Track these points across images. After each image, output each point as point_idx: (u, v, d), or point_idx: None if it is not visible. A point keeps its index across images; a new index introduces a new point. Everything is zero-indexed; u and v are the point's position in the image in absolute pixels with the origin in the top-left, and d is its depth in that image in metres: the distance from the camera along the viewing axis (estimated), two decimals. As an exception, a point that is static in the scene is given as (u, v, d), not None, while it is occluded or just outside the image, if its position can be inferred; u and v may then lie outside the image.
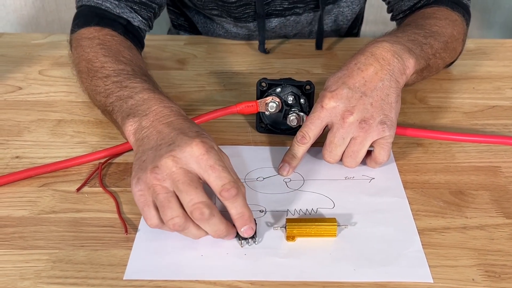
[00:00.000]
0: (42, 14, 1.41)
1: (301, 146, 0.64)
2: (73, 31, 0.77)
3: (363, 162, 0.65)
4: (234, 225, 0.54)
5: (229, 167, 0.54)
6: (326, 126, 0.63)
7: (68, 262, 0.53)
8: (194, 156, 0.52)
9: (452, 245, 0.55)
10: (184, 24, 1.09)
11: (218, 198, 0.53)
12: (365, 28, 1.42)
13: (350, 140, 0.62)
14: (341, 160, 0.64)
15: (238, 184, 0.53)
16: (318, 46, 0.95)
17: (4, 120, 0.74)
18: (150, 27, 0.83)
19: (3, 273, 0.52)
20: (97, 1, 0.77)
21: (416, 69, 0.67)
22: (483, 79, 0.85)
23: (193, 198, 0.51)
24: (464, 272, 0.52)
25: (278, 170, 0.65)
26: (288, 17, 0.95)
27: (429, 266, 0.53)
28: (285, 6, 0.92)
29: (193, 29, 1.07)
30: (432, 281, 0.51)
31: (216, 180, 0.52)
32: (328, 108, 0.62)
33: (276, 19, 0.95)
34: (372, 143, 0.62)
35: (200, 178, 0.53)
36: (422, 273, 0.52)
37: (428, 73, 0.75)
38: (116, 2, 0.78)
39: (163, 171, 0.52)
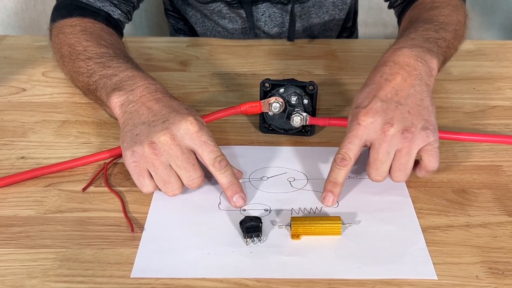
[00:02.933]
0: (43, 17, 1.42)
1: (342, 169, 0.59)
2: (54, 20, 0.79)
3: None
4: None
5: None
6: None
7: (75, 260, 0.54)
8: (189, 133, 0.58)
9: (456, 243, 0.56)
10: (184, 28, 1.10)
11: (209, 169, 0.59)
12: (365, 30, 1.44)
13: (395, 153, 0.59)
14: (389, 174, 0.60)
15: (226, 158, 0.59)
16: (290, 38, 0.96)
17: (8, 121, 0.75)
18: (129, 19, 0.85)
19: (11, 271, 0.52)
20: None
21: (439, 67, 0.66)
22: (484, 80, 0.86)
23: (191, 174, 0.58)
24: (467, 269, 0.53)
25: (322, 200, 0.60)
26: (275, 4, 0.95)
27: (433, 263, 0.53)
28: None
29: (192, 33, 1.08)
30: (437, 278, 0.52)
31: (209, 154, 0.58)
32: (366, 125, 0.58)
33: (263, 4, 0.95)
34: (418, 151, 0.59)
35: (193, 153, 0.58)
36: (426, 270, 0.53)
37: (443, 66, 0.74)
38: None
39: (161, 147, 0.57)
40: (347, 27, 1.11)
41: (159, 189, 0.60)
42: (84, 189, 0.63)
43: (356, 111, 0.60)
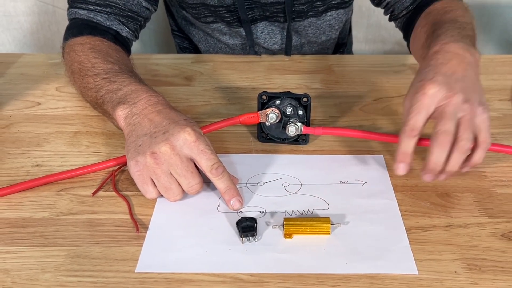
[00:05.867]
0: (57, 37, 1.48)
1: (411, 140, 0.63)
2: (66, 38, 0.85)
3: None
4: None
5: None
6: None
7: (85, 257, 0.58)
8: (187, 142, 0.63)
9: (437, 242, 0.60)
10: (189, 46, 1.16)
11: (207, 176, 0.64)
12: (364, 47, 1.49)
13: (459, 121, 0.62)
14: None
15: (223, 165, 0.64)
16: (287, 53, 1.03)
17: (24, 133, 0.80)
18: (137, 37, 0.92)
19: (26, 267, 0.57)
20: (89, 15, 0.85)
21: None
22: (472, 92, 0.90)
23: (190, 181, 0.64)
24: (447, 265, 0.57)
25: (395, 171, 0.64)
26: (273, 22, 1.01)
27: (415, 260, 0.58)
28: (267, 15, 0.99)
29: (196, 51, 1.15)
30: (417, 273, 0.56)
31: (207, 161, 0.63)
32: (432, 94, 0.63)
33: (262, 22, 1.01)
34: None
35: (192, 160, 0.63)
36: (408, 266, 0.57)
37: None
38: (106, 16, 0.86)
39: (161, 156, 0.63)
40: (343, 43, 1.16)
41: (162, 195, 0.65)
42: (93, 194, 0.68)
43: (421, 84, 0.64)
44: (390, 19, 0.97)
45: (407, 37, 0.91)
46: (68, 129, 0.81)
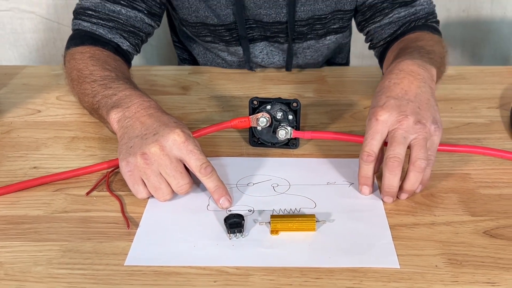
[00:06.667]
0: (61, 52, 1.53)
1: (369, 165, 0.66)
2: (68, 47, 0.89)
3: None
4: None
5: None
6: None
7: (76, 251, 0.60)
8: (176, 143, 0.65)
9: (420, 238, 0.62)
10: (189, 58, 1.19)
11: (196, 175, 0.66)
12: (361, 62, 1.52)
13: (412, 143, 0.65)
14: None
15: (211, 164, 0.65)
16: (288, 69, 1.05)
17: (24, 137, 0.83)
18: (138, 51, 0.95)
19: (19, 260, 0.59)
20: (92, 27, 0.89)
21: (436, 78, 0.74)
22: (462, 100, 0.93)
23: (179, 181, 0.66)
24: (428, 260, 0.58)
25: (361, 193, 0.68)
26: (273, 43, 1.04)
27: (397, 255, 0.59)
28: (267, 34, 1.02)
29: (195, 63, 1.17)
30: (399, 267, 0.57)
31: (195, 161, 0.65)
32: (383, 119, 0.66)
33: (262, 43, 1.03)
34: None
35: (181, 161, 0.64)
36: (390, 260, 0.58)
37: (437, 81, 0.79)
38: (108, 29, 0.89)
39: (151, 157, 0.65)
40: (342, 63, 1.19)
41: (152, 195, 0.67)
42: (87, 194, 0.70)
43: (374, 110, 0.67)
44: (369, 48, 1.00)
45: (381, 63, 0.95)
46: (66, 134, 0.84)
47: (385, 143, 0.67)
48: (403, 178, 0.66)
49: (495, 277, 0.56)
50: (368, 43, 0.99)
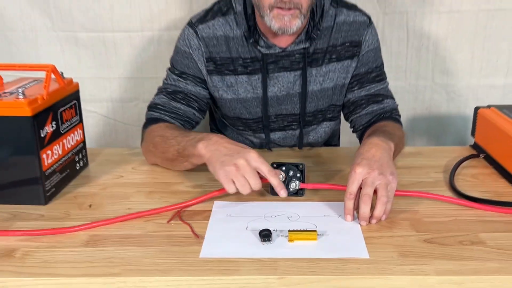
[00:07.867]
0: (115, 143, 1.94)
1: (351, 201, 1.03)
2: (145, 127, 1.32)
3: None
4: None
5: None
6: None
7: (168, 252, 0.96)
8: (253, 158, 1.05)
9: (382, 243, 0.98)
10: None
11: (266, 177, 1.07)
12: (349, 139, 1.91)
13: (377, 187, 1.02)
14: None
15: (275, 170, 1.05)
16: (300, 147, 1.47)
17: (116, 192, 1.21)
18: (194, 127, 1.39)
19: (134, 255, 0.95)
20: (160, 116, 1.33)
21: (394, 149, 1.14)
22: (417, 168, 1.31)
23: (256, 181, 1.06)
24: (387, 253, 0.94)
25: (345, 220, 1.05)
26: (288, 131, 1.45)
27: (368, 251, 0.95)
28: (285, 124, 1.44)
29: None
30: (368, 257, 0.93)
31: (266, 168, 1.07)
32: (359, 172, 1.03)
33: (279, 132, 1.45)
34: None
35: (256, 170, 1.04)
36: (363, 253, 0.94)
37: (395, 156, 1.21)
38: (171, 118, 1.32)
39: (240, 167, 1.04)
40: (333, 144, 1.61)
41: (238, 192, 1.07)
42: (168, 221, 1.07)
43: (353, 166, 1.05)
44: (353, 132, 1.44)
45: (361, 140, 1.38)
46: (145, 189, 1.22)
47: (360, 188, 1.05)
48: (373, 209, 1.04)
49: (429, 261, 0.92)
50: (352, 129, 1.41)
